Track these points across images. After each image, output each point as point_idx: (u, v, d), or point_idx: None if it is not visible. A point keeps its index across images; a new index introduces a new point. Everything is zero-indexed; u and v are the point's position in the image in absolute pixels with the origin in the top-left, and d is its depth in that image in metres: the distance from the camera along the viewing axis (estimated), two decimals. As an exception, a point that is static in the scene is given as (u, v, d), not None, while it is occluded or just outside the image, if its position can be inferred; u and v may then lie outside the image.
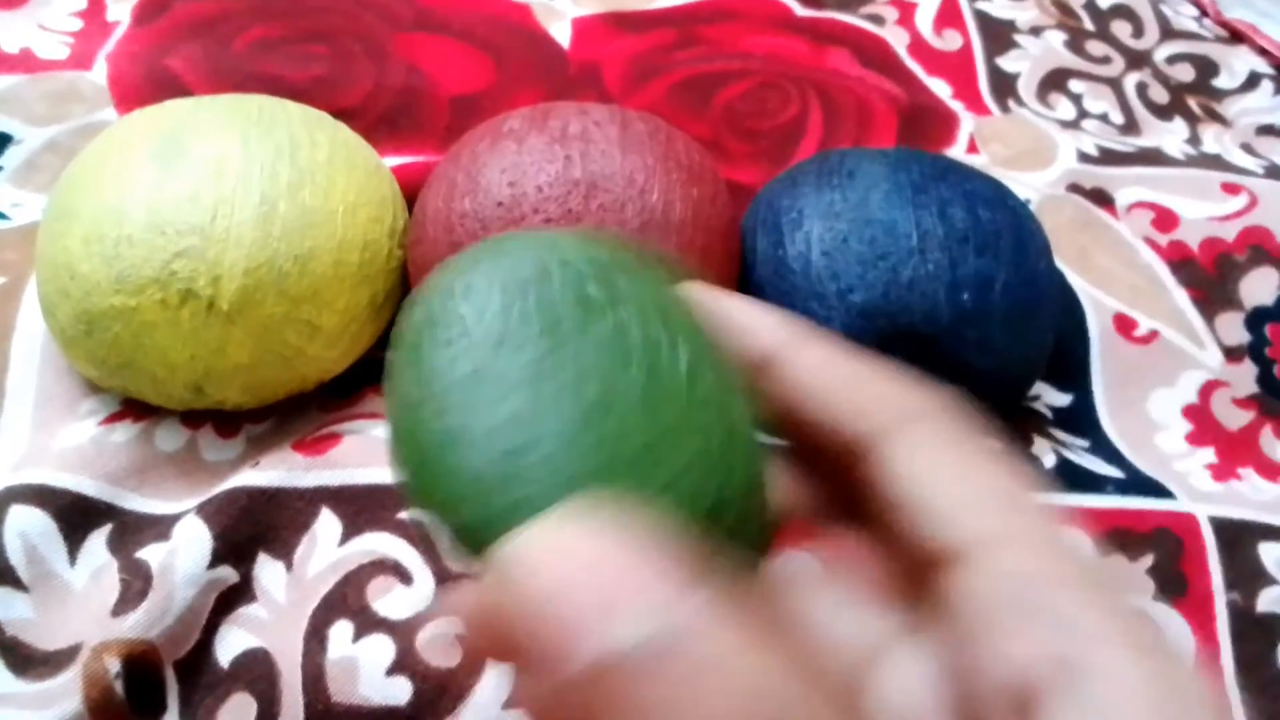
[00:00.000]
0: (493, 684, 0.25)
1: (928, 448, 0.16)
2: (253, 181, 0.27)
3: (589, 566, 0.12)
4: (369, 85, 0.37)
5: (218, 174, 0.27)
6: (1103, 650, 0.13)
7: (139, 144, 0.28)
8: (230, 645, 0.25)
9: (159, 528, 0.27)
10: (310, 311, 0.28)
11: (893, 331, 0.29)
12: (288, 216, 0.27)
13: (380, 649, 0.26)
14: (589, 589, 0.12)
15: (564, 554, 0.12)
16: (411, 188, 0.32)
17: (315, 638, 0.26)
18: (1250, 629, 0.28)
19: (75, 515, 0.26)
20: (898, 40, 0.46)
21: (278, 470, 0.28)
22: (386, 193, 0.31)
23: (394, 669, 0.25)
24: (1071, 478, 0.30)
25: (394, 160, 0.35)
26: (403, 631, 0.26)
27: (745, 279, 0.32)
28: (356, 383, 0.31)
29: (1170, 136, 0.44)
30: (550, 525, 0.12)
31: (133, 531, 0.27)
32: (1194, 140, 0.44)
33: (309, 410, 0.30)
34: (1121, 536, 0.29)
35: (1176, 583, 0.29)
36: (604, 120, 0.30)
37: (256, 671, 0.25)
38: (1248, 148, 0.44)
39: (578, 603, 0.11)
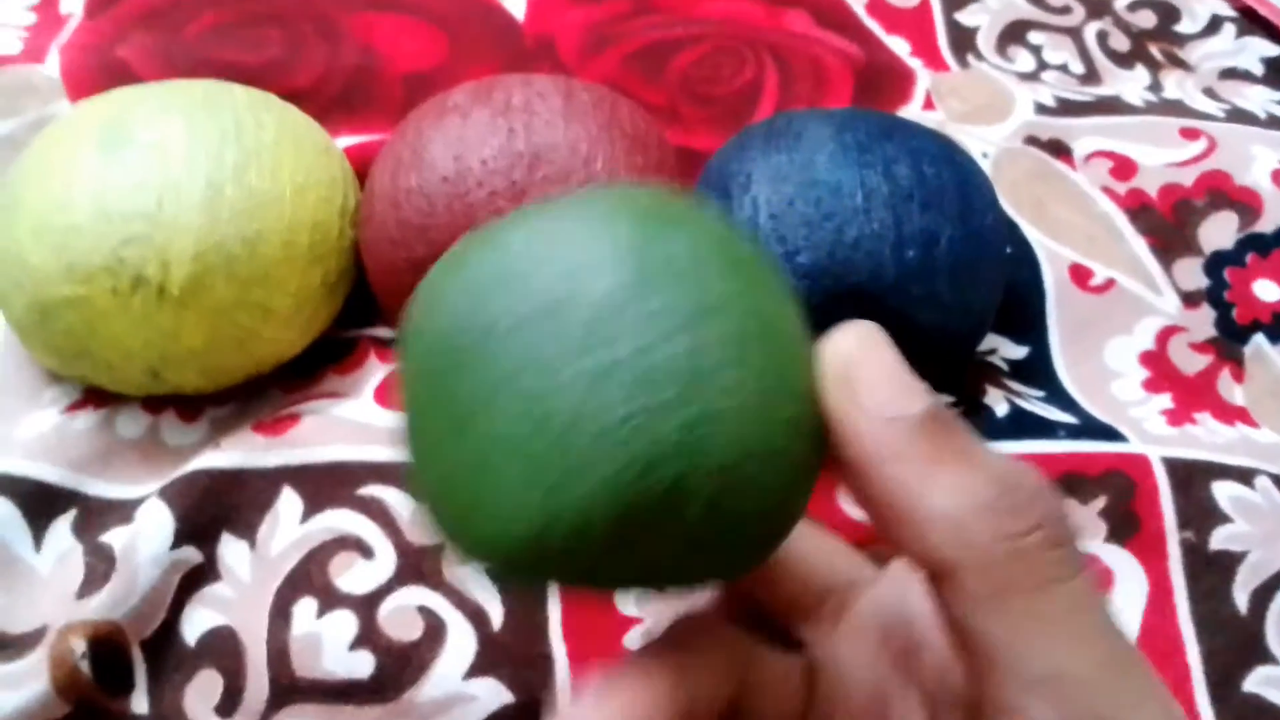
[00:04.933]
0: (454, 656, 0.26)
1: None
2: (198, 166, 0.28)
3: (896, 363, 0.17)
4: (322, 66, 0.38)
5: (162, 159, 0.27)
6: None
7: (84, 133, 0.28)
8: (196, 624, 0.26)
9: (122, 511, 0.27)
10: (261, 294, 0.28)
11: (839, 291, 0.29)
12: (234, 199, 0.28)
13: (343, 624, 0.26)
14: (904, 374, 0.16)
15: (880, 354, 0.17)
16: (366, 167, 0.32)
17: (279, 614, 0.26)
18: (1203, 567, 0.29)
19: (39, 502, 0.27)
20: (856, -1, 0.46)
21: (238, 451, 0.28)
22: (337, 172, 0.31)
23: (357, 643, 0.26)
24: (1023, 425, 0.31)
25: (349, 140, 0.36)
26: (365, 606, 0.27)
27: (697, 244, 0.32)
28: (315, 363, 0.31)
29: (1131, 84, 0.44)
30: (863, 335, 0.17)
31: (96, 516, 0.27)
32: (1155, 87, 0.44)
33: (270, 392, 0.31)
34: (1073, 480, 0.29)
35: (1128, 523, 0.29)
36: (548, 91, 0.30)
37: (222, 649, 0.26)
38: (1210, 92, 0.44)
39: (903, 378, 0.16)
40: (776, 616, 0.21)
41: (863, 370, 0.16)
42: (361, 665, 0.26)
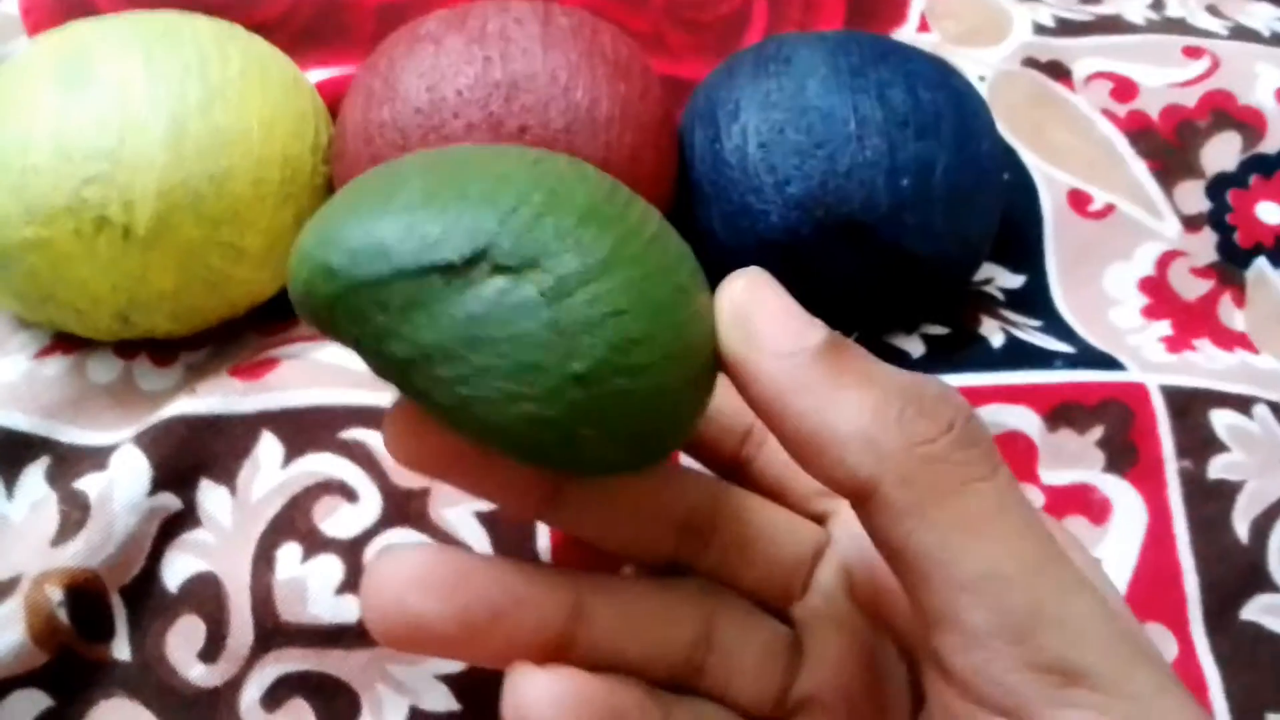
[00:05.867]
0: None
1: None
2: (160, 101, 0.26)
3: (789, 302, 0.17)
4: (290, -3, 0.36)
5: (123, 95, 0.26)
6: None
7: (41, 70, 0.27)
8: (177, 570, 0.26)
9: (96, 458, 0.26)
10: (232, 233, 0.27)
11: (831, 221, 0.28)
12: (199, 135, 0.26)
13: (329, 568, 0.26)
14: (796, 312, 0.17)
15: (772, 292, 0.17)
16: (339, 101, 0.31)
17: (263, 560, 0.26)
18: (1202, 496, 0.28)
19: (10, 450, 0.26)
20: (848, -82, 0.44)
21: (215, 396, 0.27)
22: (307, 107, 0.30)
23: (343, 588, 0.26)
24: (1020, 356, 0.30)
25: (321, 73, 0.34)
26: (351, 551, 0.26)
27: (684, 175, 0.31)
28: (292, 305, 0.30)
29: (1132, 2, 0.43)
30: (752, 279, 0.18)
31: (70, 463, 0.27)
32: (1157, 5, 0.43)
33: (246, 335, 0.30)
34: (1070, 410, 0.29)
35: (1127, 453, 0.29)
36: (525, 17, 0.29)
37: (204, 594, 0.25)
38: (1213, 9, 0.43)
39: (793, 317, 0.17)
40: (762, 604, 0.21)
41: (755, 312, 0.17)
42: (348, 610, 0.25)
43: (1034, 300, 0.33)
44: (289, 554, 0.26)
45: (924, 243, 0.29)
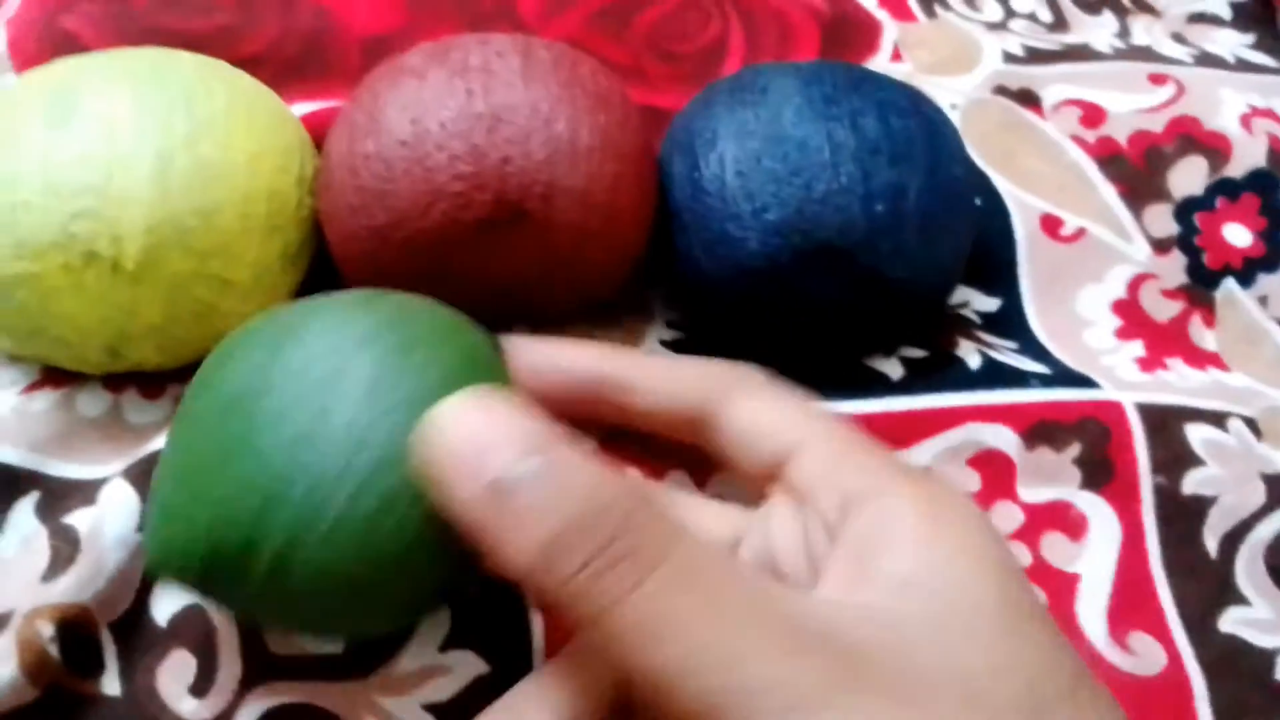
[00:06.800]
0: (430, 628, 0.26)
1: (750, 400, 0.23)
2: (147, 136, 0.27)
3: (483, 425, 0.18)
4: (275, 31, 0.37)
5: (110, 131, 0.27)
6: (891, 479, 0.20)
7: (28, 107, 0.27)
8: (166, 605, 0.26)
9: (86, 492, 0.26)
10: (219, 266, 0.27)
11: (808, 247, 0.29)
12: (186, 170, 0.27)
13: (318, 598, 0.26)
14: (484, 439, 0.18)
15: (467, 418, 0.18)
16: (324, 134, 0.32)
17: (252, 590, 0.26)
18: (1176, 511, 0.29)
19: (0, 485, 0.26)
20: (821, -49, 0.45)
21: (203, 428, 0.28)
22: (293, 140, 0.30)
23: (332, 616, 0.26)
24: (996, 376, 0.30)
25: (306, 107, 0.35)
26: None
27: (663, 204, 0.32)
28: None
29: (1099, 31, 0.44)
30: (458, 402, 0.19)
31: (59, 498, 0.27)
32: (1123, 33, 0.44)
33: (233, 367, 0.30)
34: (1047, 429, 0.29)
35: (1103, 470, 0.29)
36: (506, 50, 0.30)
37: (194, 628, 0.25)
38: (1178, 37, 0.44)
39: (479, 447, 0.18)
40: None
41: (441, 454, 0.18)
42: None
43: (1009, 322, 0.33)
44: (278, 585, 0.26)
45: (899, 266, 0.29)
